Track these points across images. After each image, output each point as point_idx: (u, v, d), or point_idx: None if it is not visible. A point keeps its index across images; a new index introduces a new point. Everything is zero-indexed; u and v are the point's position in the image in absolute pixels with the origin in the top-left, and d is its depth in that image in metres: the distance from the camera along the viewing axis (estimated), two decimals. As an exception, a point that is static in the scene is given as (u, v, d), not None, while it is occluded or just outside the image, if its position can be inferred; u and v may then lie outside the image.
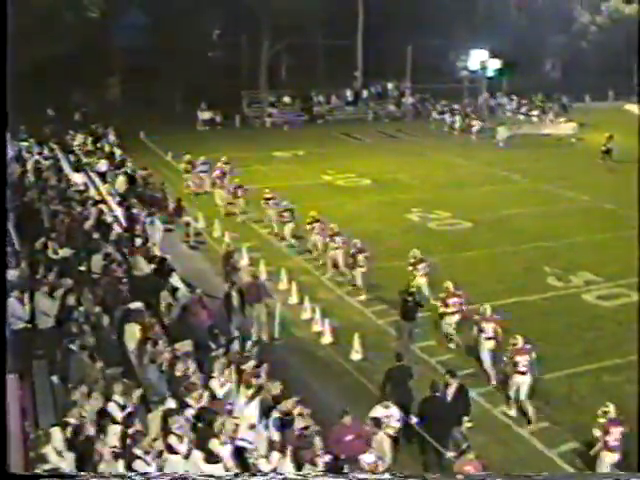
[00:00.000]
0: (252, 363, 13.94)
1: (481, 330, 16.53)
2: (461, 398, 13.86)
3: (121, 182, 30.10)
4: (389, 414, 13.28)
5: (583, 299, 21.11)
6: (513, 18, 63.54)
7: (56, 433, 10.63)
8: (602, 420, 13.03)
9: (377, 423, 12.87)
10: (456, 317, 18.13)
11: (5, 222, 11.62)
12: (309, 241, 24.62)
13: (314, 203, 28.54)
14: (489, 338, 16.43)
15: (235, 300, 18.20)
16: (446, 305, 18.19)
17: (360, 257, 21.19)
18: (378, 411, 13.28)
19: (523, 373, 15.05)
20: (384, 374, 14.72)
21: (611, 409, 13.11)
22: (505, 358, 15.66)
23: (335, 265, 22.66)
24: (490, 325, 16.46)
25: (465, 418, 13.74)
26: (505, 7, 63.66)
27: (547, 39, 66.74)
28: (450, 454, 12.75)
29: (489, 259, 24.57)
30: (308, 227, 24.41)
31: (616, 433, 12.81)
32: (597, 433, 13.02)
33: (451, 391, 13.88)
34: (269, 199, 27.59)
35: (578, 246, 25.63)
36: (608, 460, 12.84)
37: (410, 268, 20.69)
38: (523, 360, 15.04)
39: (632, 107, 62.46)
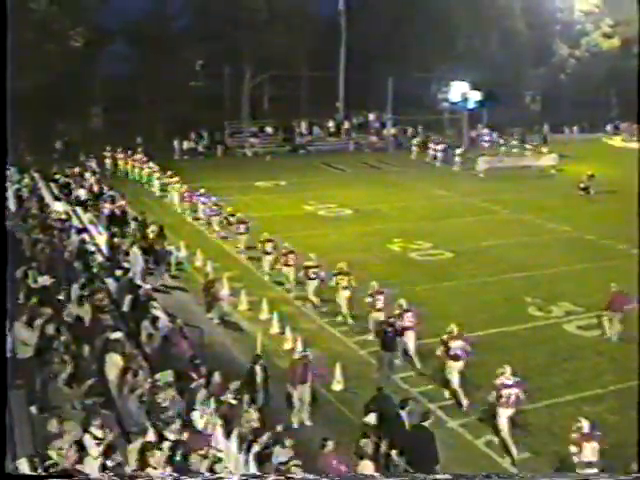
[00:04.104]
0: (231, 396, 13.88)
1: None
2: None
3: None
4: None
5: (564, 329, 21.14)
6: (493, 51, 64.21)
7: (23, 465, 10.50)
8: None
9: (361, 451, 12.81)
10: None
11: (6, 249, 11.52)
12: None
13: (295, 233, 28.63)
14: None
15: (259, 378, 15.99)
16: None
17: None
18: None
19: (455, 359, 16.18)
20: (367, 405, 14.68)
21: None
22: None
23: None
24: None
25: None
26: (486, 40, 64.38)
27: (527, 72, 67.47)
28: None
29: (470, 289, 24.60)
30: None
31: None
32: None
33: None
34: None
35: (559, 276, 25.74)
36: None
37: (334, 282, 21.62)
38: (456, 346, 16.25)
39: (611, 139, 63.43)
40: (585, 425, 13.20)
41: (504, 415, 14.98)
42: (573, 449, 13.16)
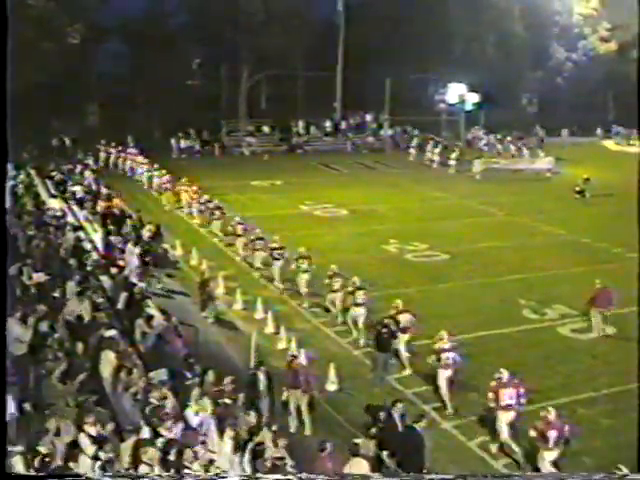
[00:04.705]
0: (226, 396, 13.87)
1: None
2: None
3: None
4: None
5: (558, 332, 21.13)
6: (491, 53, 64.27)
7: (18, 464, 10.47)
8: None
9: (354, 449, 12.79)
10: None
11: (6, 246, 11.48)
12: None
13: (291, 233, 28.58)
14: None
15: (262, 385, 15.31)
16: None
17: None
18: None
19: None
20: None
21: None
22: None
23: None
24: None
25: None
26: (484, 42, 64.46)
27: (524, 74, 67.53)
28: None
29: (465, 291, 24.57)
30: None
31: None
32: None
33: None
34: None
35: (554, 279, 25.72)
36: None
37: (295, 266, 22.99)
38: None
39: (608, 143, 63.60)
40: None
41: (444, 376, 16.30)
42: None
